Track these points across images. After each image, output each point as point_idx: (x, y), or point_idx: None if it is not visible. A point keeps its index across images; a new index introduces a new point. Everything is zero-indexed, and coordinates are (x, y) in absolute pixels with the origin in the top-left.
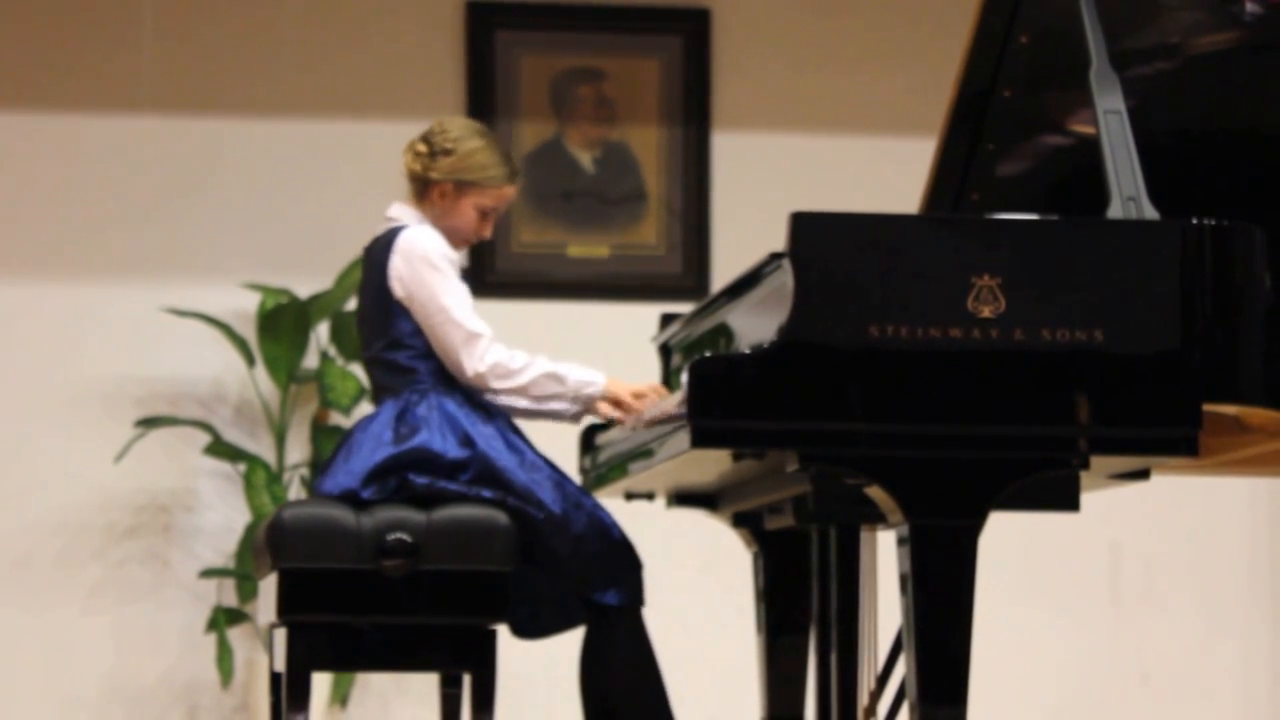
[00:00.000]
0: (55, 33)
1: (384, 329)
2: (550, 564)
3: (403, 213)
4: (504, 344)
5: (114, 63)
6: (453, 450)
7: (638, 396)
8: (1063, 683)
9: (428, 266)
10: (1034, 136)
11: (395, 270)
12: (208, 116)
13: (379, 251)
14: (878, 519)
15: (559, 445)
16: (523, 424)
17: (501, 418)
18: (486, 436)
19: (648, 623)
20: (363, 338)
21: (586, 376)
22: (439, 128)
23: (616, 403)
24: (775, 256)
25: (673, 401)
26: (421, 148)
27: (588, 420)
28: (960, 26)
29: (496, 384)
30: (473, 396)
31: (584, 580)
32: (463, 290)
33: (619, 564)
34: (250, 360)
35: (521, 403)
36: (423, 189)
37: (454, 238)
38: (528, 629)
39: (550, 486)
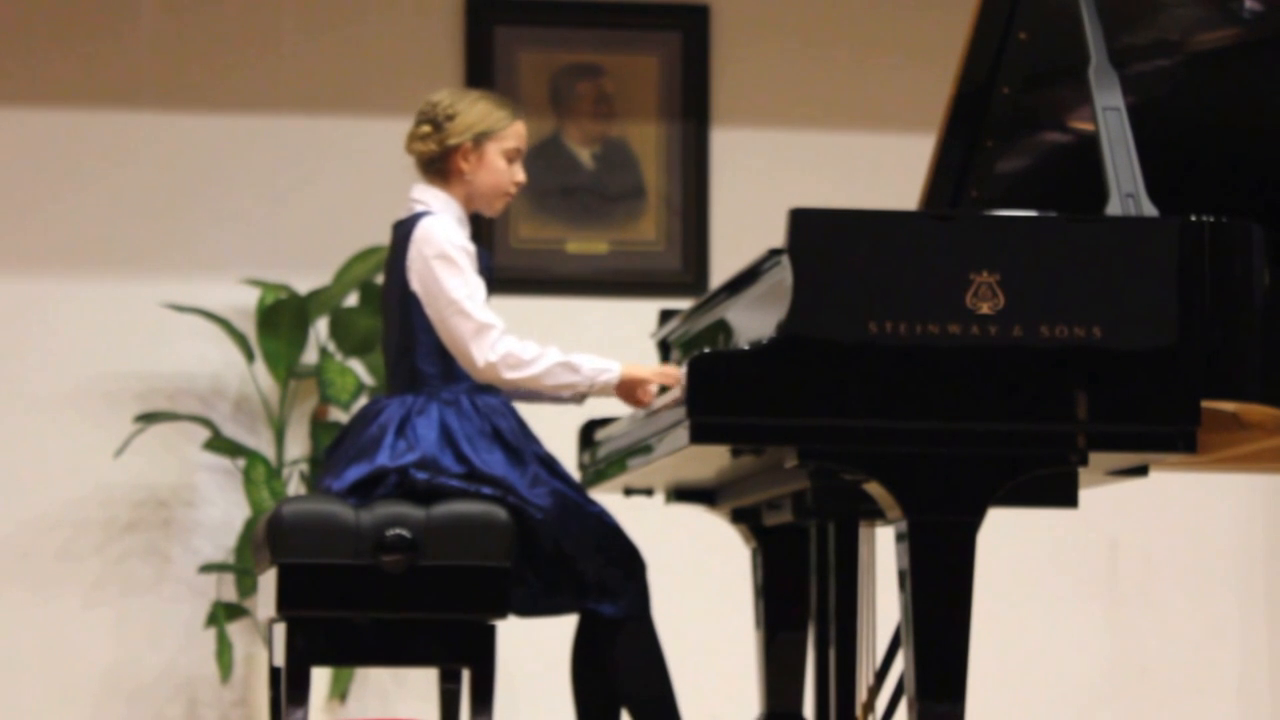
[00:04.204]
0: (53, 28)
1: (400, 319)
2: (548, 572)
3: (425, 194)
4: (515, 335)
5: (112, 58)
6: (450, 467)
7: (661, 376)
8: (1061, 678)
9: (441, 259)
10: (1033, 133)
11: (411, 263)
12: (207, 112)
13: (400, 239)
14: (876, 515)
15: (560, 443)
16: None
17: (505, 426)
18: (485, 453)
19: None
20: (384, 321)
21: (601, 364)
22: (429, 105)
23: (631, 390)
24: (774, 252)
25: (673, 397)
26: (425, 129)
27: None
28: (960, 23)
29: (509, 374)
30: (478, 405)
31: (580, 591)
32: (477, 284)
33: (617, 577)
34: (250, 356)
35: (534, 391)
36: (444, 164)
37: (494, 194)
38: (528, 608)
39: (551, 502)
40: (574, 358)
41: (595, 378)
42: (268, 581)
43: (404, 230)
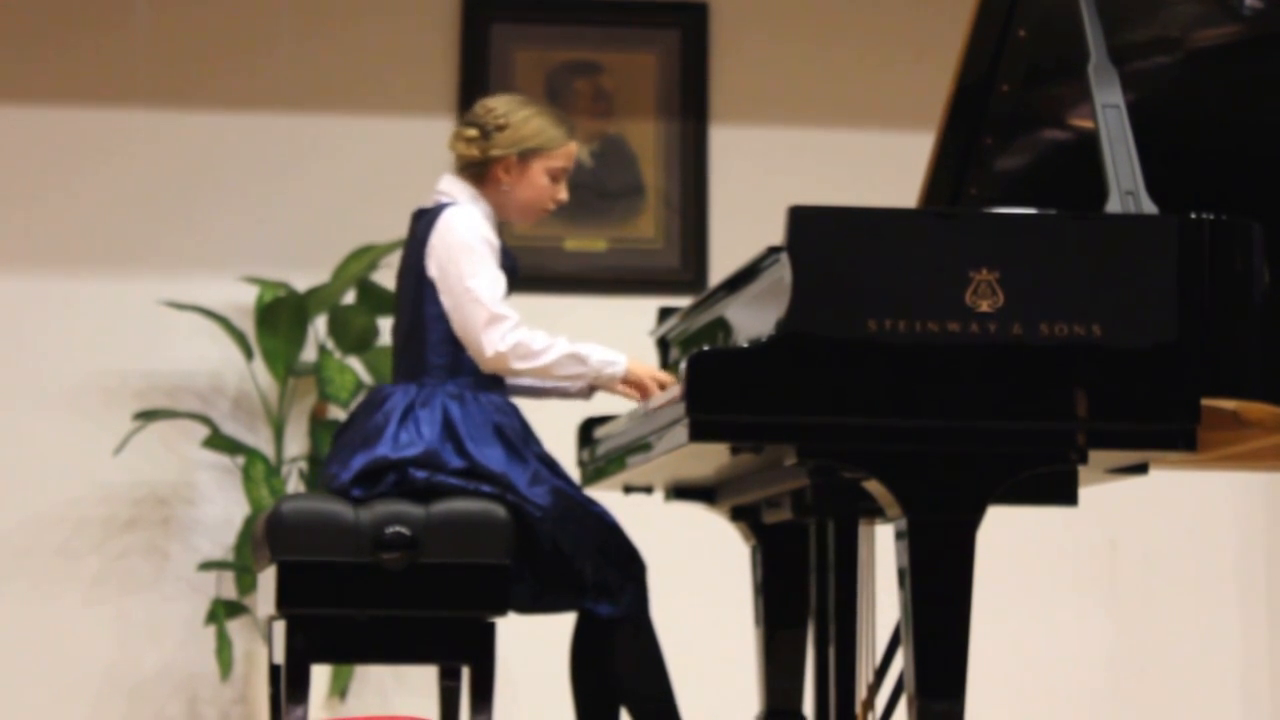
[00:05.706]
0: (49, 25)
1: (412, 307)
2: (546, 570)
3: (454, 187)
4: (526, 326)
5: (109, 55)
6: (450, 461)
7: (658, 382)
8: (1060, 676)
9: (464, 248)
10: (1032, 131)
11: (432, 249)
12: (204, 110)
13: (422, 227)
14: (876, 513)
15: (560, 443)
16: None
17: (508, 424)
18: (485, 447)
19: None
20: (396, 308)
21: (608, 356)
22: (483, 109)
23: (636, 384)
24: (773, 250)
25: (672, 395)
26: (472, 133)
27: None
28: (959, 20)
29: (518, 364)
30: (480, 401)
31: (579, 591)
32: (495, 275)
33: (616, 577)
34: (248, 353)
35: (543, 383)
36: (483, 170)
37: (532, 208)
38: (528, 605)
39: (550, 501)
40: (581, 349)
41: (601, 370)
42: (267, 579)
43: (427, 219)
